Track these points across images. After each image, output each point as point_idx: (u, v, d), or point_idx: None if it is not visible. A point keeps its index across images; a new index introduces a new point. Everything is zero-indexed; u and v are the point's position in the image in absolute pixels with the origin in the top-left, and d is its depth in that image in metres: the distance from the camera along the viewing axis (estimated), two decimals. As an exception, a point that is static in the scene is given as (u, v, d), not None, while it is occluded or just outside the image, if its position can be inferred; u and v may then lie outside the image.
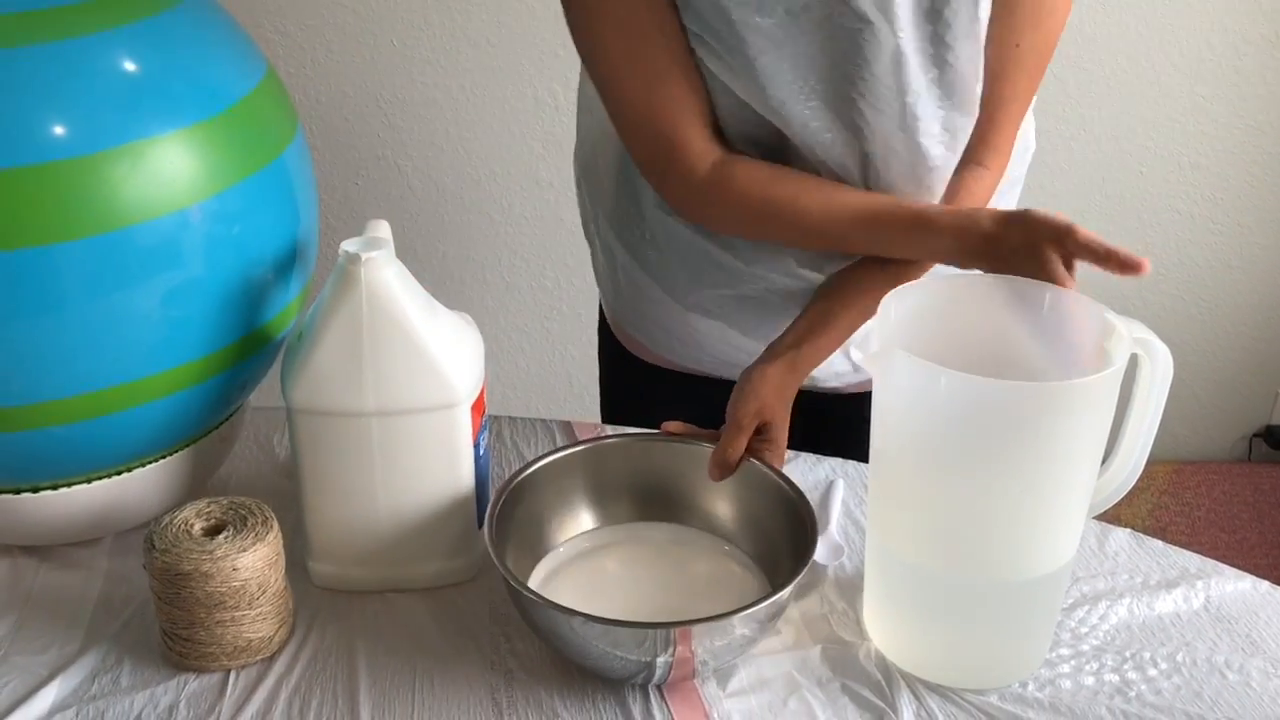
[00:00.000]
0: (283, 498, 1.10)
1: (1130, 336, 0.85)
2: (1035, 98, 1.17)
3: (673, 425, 1.07)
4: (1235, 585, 1.04)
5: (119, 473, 1.02)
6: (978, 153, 1.05)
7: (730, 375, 1.25)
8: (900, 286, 0.91)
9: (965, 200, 1.05)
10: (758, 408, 1.01)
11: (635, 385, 1.36)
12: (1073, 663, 0.95)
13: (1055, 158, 2.08)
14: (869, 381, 1.20)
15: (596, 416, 1.42)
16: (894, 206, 1.01)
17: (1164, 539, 1.11)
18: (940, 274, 1.06)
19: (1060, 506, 0.87)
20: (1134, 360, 0.88)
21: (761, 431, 1.03)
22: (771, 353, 1.06)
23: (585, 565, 1.03)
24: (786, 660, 0.96)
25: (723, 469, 1.02)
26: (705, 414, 1.27)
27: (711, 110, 1.04)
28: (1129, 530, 1.11)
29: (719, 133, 1.05)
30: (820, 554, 1.03)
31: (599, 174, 1.22)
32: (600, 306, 1.38)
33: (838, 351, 1.22)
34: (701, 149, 1.03)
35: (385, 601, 1.02)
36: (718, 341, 1.23)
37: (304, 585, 1.03)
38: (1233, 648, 0.97)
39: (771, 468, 1.03)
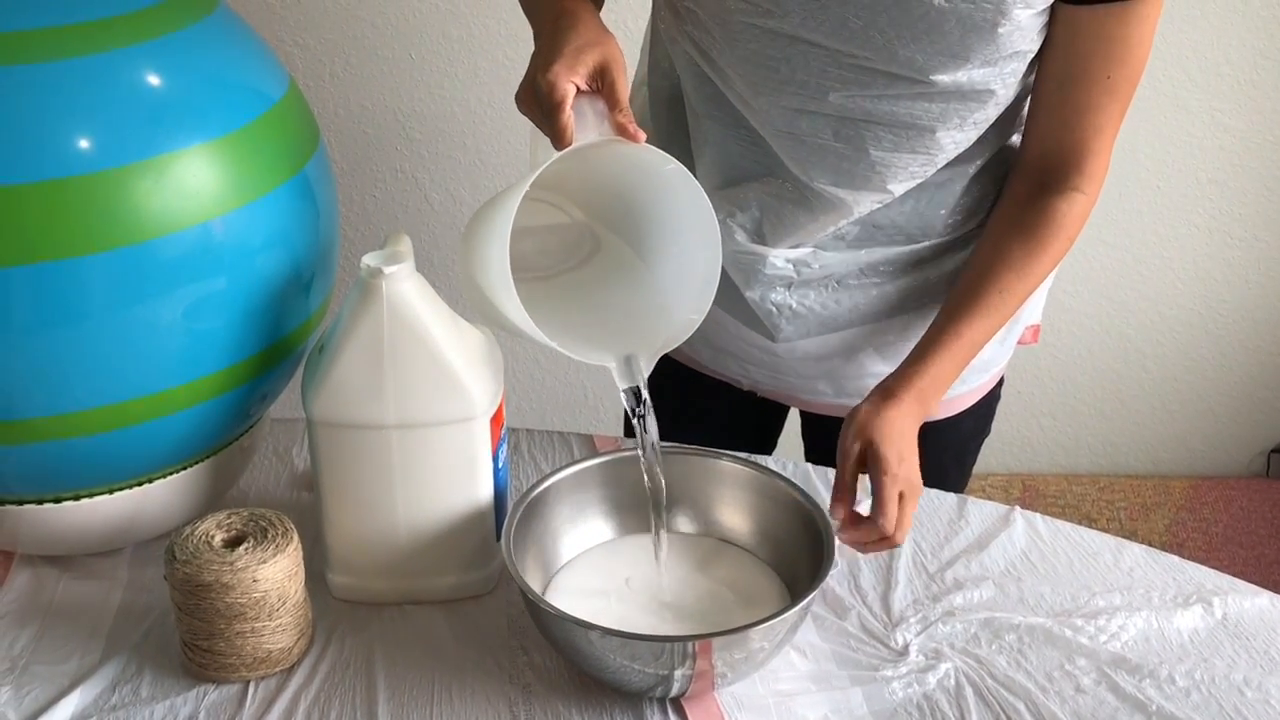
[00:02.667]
0: (301, 510, 1.11)
1: None
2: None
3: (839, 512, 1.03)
4: (1253, 601, 1.04)
5: (140, 484, 1.03)
6: (1074, 179, 1.05)
7: (745, 377, 1.26)
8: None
9: (1061, 224, 1.06)
10: (855, 431, 1.00)
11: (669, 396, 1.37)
12: (1091, 676, 0.95)
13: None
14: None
15: (613, 429, 1.43)
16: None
17: (1181, 555, 1.10)
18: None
19: None
20: None
21: (867, 457, 1.01)
22: (875, 387, 1.06)
23: (603, 578, 1.03)
24: (807, 677, 0.96)
25: (837, 500, 1.00)
26: (722, 426, 1.27)
27: None
28: (1144, 546, 1.11)
29: None
30: None
31: None
32: None
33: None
34: None
35: (403, 614, 1.03)
36: (751, 348, 1.23)
37: (323, 597, 1.04)
38: (1251, 664, 0.97)
39: (788, 480, 1.03)
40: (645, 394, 0.98)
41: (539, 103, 0.93)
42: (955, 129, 1.05)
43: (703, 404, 1.30)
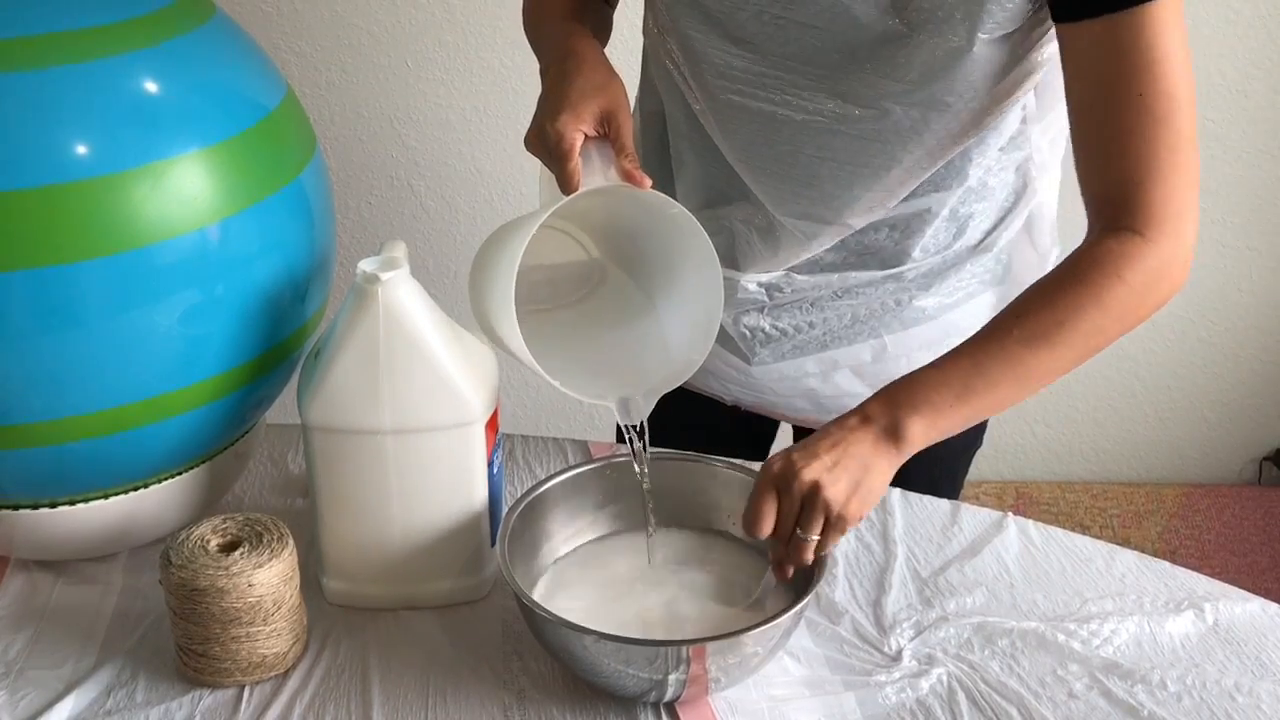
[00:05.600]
0: (296, 515, 1.11)
1: None
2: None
3: None
4: (1244, 607, 1.04)
5: (135, 489, 1.03)
6: (1124, 218, 0.93)
7: (726, 394, 1.27)
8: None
9: (1104, 260, 0.93)
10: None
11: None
12: (1084, 681, 0.96)
13: (1067, 183, 2.08)
14: None
15: (607, 435, 1.43)
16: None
17: (1174, 562, 1.11)
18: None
19: None
20: None
21: None
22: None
23: (598, 583, 1.03)
24: (801, 682, 0.96)
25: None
26: (714, 437, 1.28)
27: None
28: (1136, 552, 1.11)
29: None
30: None
31: None
32: None
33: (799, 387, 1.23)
34: None
35: (398, 619, 1.03)
36: (728, 368, 1.24)
37: (318, 602, 1.04)
38: (1242, 670, 0.98)
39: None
40: (645, 434, 0.99)
41: (547, 150, 0.94)
42: (908, 166, 1.04)
43: (691, 418, 1.31)
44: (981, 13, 0.93)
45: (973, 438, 1.31)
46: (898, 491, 1.19)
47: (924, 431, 0.94)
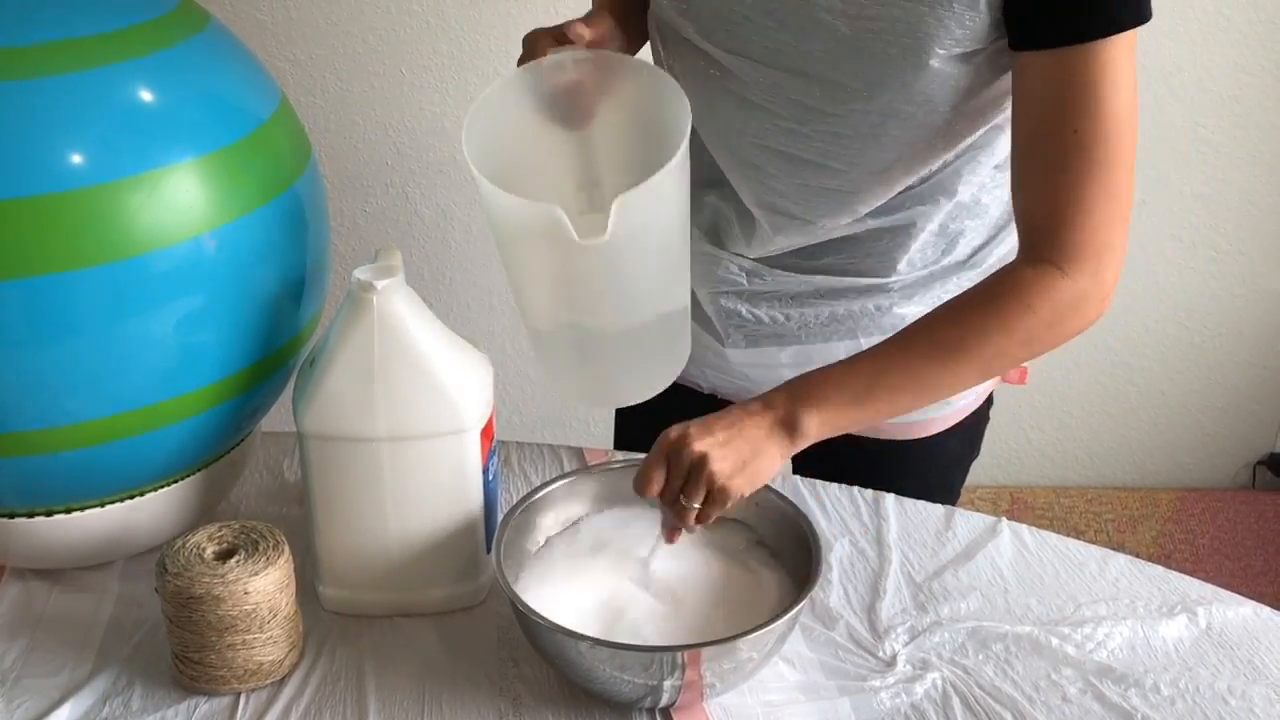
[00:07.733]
0: (292, 522, 1.11)
1: None
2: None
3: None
4: (1237, 611, 1.04)
5: (131, 497, 1.03)
6: (1046, 250, 0.94)
7: (703, 381, 1.27)
8: None
9: (1019, 290, 0.95)
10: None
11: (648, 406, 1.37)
12: (1077, 685, 0.96)
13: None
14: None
15: (603, 443, 1.43)
16: None
17: (1168, 566, 1.11)
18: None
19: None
20: None
21: None
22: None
23: (593, 589, 1.03)
24: (795, 688, 0.97)
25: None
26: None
27: None
28: (1129, 556, 1.12)
29: None
30: None
31: None
32: None
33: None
34: None
35: (394, 626, 1.03)
36: (704, 349, 1.24)
37: (314, 609, 1.04)
38: (1235, 673, 0.98)
39: (776, 492, 1.04)
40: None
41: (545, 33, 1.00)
42: (870, 173, 1.05)
43: (671, 409, 1.31)
44: (940, 28, 0.94)
45: (968, 447, 1.31)
46: (891, 497, 1.20)
47: (819, 427, 0.97)
